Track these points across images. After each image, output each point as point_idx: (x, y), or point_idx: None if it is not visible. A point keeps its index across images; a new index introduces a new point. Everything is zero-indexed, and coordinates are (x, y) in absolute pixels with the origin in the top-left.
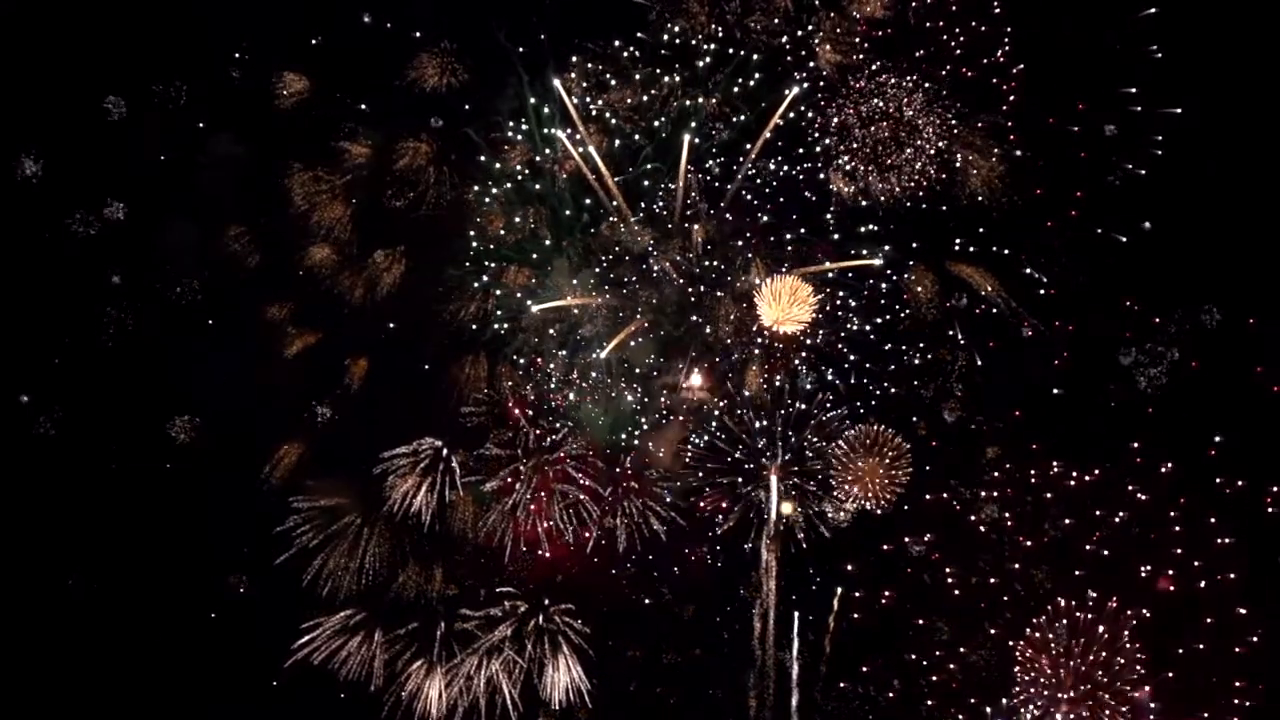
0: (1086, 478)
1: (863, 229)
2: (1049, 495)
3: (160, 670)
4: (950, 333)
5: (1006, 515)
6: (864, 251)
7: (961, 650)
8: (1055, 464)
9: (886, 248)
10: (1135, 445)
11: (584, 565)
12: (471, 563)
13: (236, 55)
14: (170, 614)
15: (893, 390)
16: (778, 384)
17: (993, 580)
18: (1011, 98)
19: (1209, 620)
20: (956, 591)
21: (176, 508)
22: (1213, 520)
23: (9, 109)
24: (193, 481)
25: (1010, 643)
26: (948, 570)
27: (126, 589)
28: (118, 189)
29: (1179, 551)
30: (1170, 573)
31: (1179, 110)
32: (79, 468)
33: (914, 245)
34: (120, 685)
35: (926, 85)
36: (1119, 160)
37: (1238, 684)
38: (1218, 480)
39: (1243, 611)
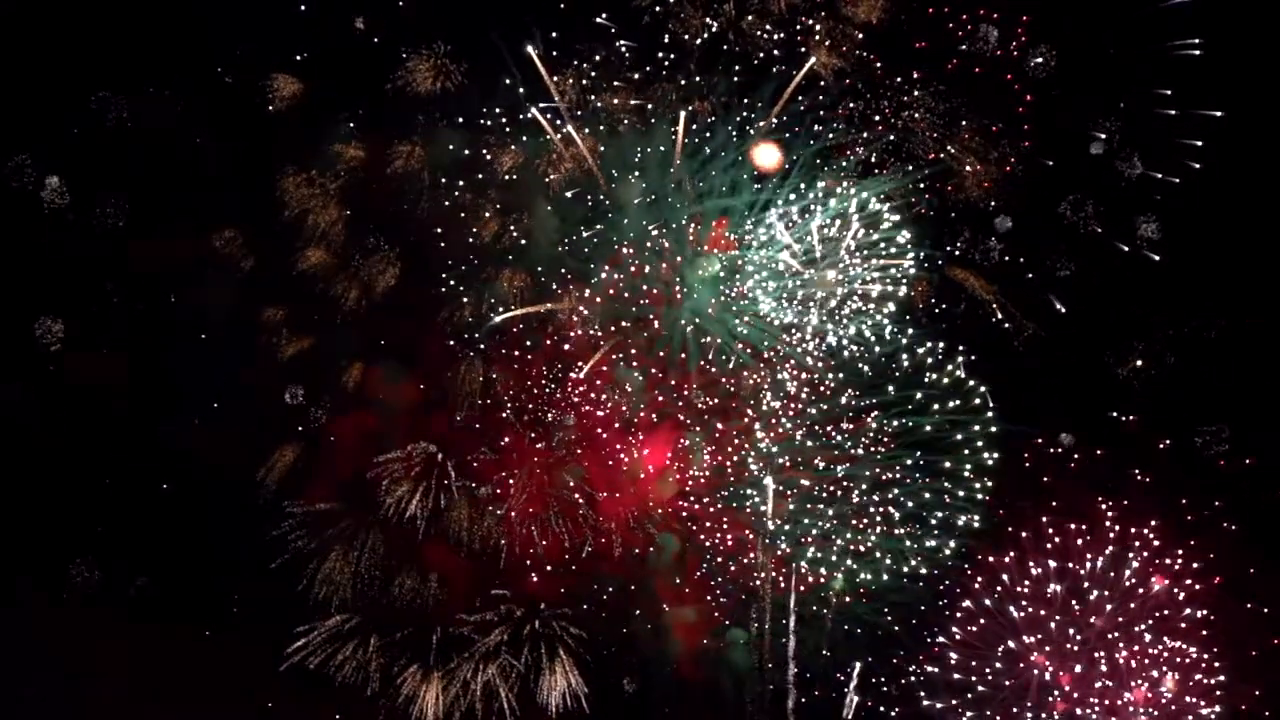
0: (1077, 455)
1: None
2: (1046, 479)
3: (156, 673)
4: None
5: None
6: (892, 250)
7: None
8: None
9: (913, 250)
10: (1132, 419)
11: (580, 570)
12: (467, 567)
13: (222, 64)
14: (166, 617)
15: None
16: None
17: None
18: (1028, 97)
19: (1212, 617)
20: (940, 585)
21: (172, 511)
22: (1216, 504)
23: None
24: (188, 485)
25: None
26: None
27: (123, 593)
28: (112, 192)
29: (1190, 542)
30: (1167, 564)
31: (1219, 114)
32: (74, 472)
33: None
34: (114, 688)
35: (923, 89)
36: (1128, 166)
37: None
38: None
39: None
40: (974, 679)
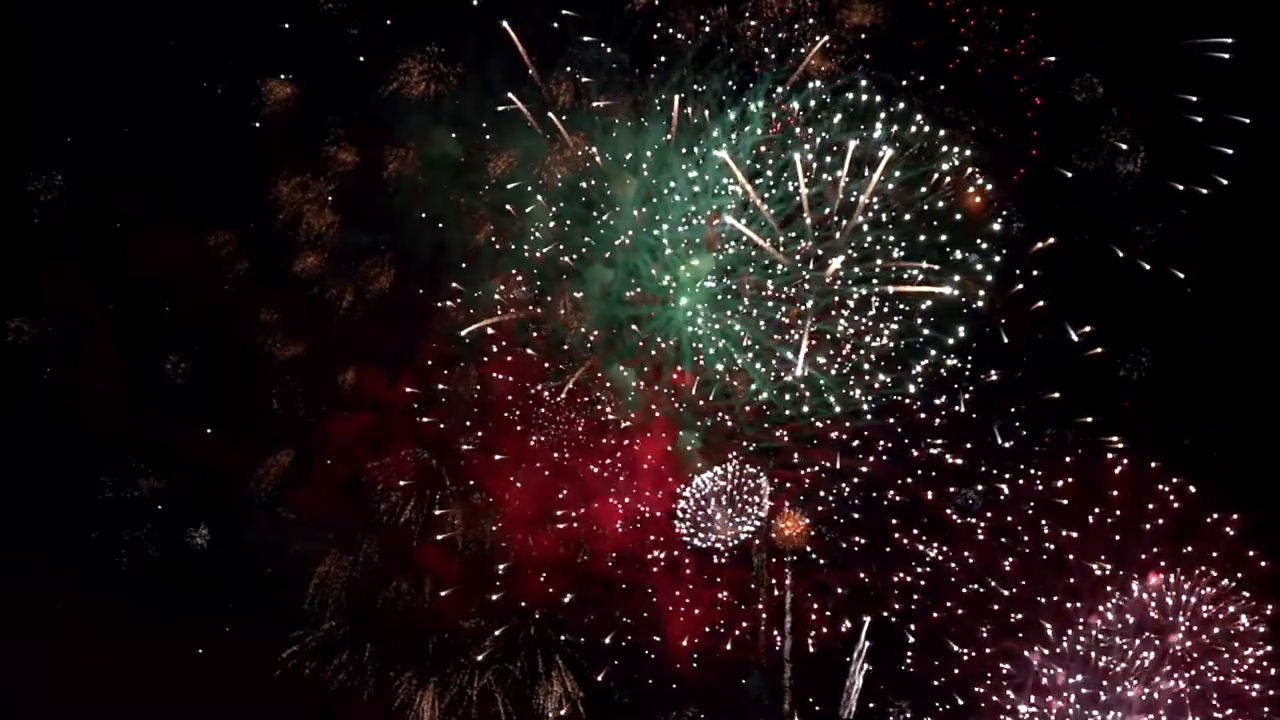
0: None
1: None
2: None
3: (152, 675)
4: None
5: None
6: (925, 268)
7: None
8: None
9: (956, 277)
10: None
11: (575, 574)
12: (462, 573)
13: (216, 68)
14: (163, 619)
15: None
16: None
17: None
18: (1036, 100)
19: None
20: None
21: (167, 513)
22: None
23: None
24: (184, 488)
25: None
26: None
27: (116, 598)
28: (109, 193)
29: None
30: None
31: (1247, 120)
32: (69, 473)
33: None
34: (112, 689)
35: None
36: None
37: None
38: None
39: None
40: (972, 679)
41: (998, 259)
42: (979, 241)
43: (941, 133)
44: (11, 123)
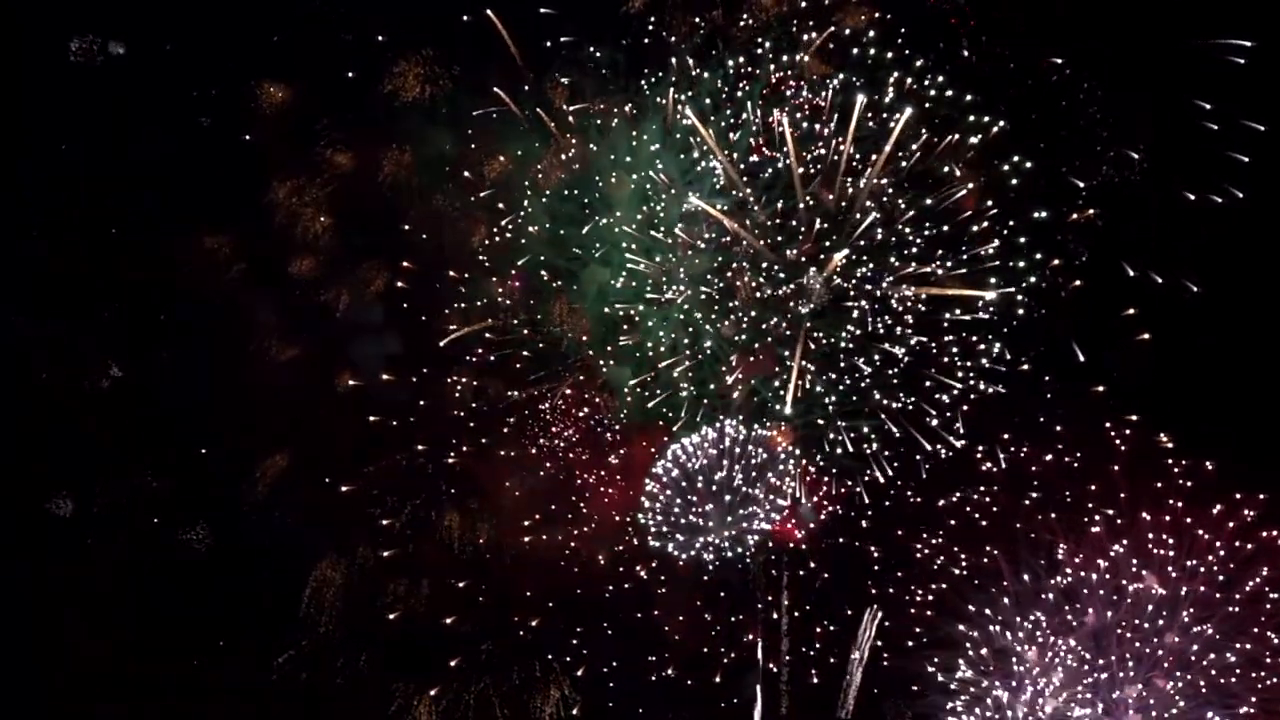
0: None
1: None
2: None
3: (147, 680)
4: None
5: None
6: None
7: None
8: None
9: (993, 280)
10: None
11: (573, 577)
12: (459, 577)
13: (214, 70)
14: (157, 626)
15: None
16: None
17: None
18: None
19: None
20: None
21: (162, 516)
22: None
23: None
24: (179, 491)
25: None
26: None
27: (114, 599)
28: (104, 195)
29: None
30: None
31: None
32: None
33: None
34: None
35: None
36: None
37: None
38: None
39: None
40: (969, 680)
41: (1039, 256)
42: (1016, 237)
43: (969, 97)
44: (11, 123)
